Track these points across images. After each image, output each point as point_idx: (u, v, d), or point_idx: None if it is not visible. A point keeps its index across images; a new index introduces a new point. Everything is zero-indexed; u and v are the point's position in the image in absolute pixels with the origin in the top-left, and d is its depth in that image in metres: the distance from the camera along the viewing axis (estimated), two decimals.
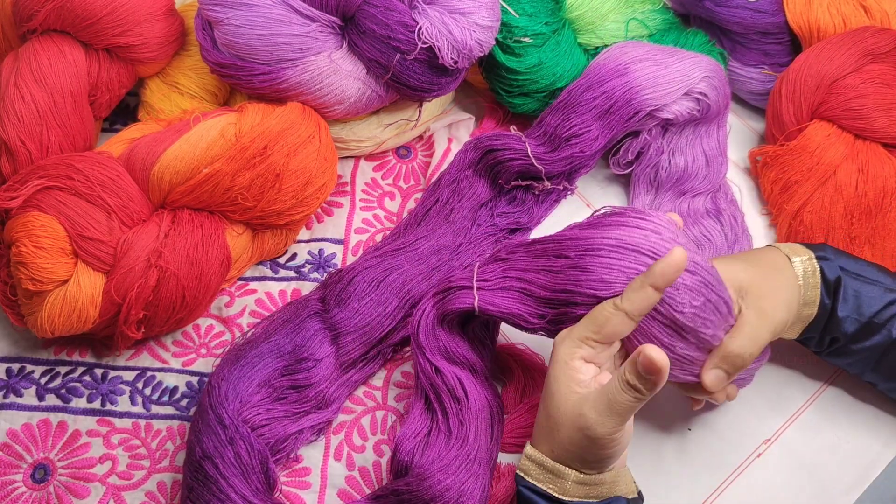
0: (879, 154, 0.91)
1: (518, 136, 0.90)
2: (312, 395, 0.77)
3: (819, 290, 0.74)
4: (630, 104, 0.88)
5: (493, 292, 0.70)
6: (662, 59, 0.90)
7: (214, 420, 0.70)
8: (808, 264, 0.74)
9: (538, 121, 0.91)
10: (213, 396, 0.72)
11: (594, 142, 0.89)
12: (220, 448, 0.69)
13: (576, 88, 0.90)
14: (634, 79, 0.88)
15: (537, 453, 0.66)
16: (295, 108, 0.86)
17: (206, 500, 0.68)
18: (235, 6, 0.82)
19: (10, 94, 0.84)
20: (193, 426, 0.73)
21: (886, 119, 0.90)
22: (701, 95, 0.90)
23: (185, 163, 0.80)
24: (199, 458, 0.69)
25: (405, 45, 0.84)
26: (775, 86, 0.97)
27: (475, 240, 0.89)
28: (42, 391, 0.81)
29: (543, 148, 0.89)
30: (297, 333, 0.78)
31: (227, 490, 0.68)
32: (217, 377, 0.74)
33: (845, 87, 0.92)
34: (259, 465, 0.70)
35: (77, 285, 0.76)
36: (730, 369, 0.69)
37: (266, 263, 0.90)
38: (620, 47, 0.92)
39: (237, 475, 0.69)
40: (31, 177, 0.78)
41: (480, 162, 0.90)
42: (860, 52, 0.93)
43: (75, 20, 0.86)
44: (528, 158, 0.88)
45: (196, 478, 0.70)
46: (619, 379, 0.61)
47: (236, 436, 0.70)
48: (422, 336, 0.73)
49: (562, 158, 0.89)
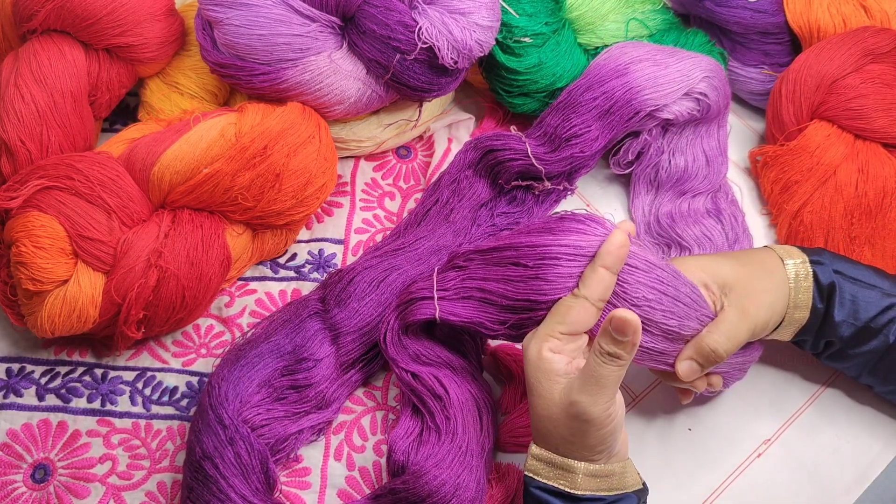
0: (879, 154, 0.91)
1: (518, 136, 0.90)
2: (312, 396, 0.77)
3: (811, 293, 0.74)
4: (630, 104, 0.88)
5: (453, 302, 0.71)
6: (662, 59, 0.90)
7: (214, 420, 0.71)
8: (802, 267, 0.74)
9: (538, 121, 0.91)
10: (213, 396, 0.72)
11: (594, 142, 0.89)
12: (220, 448, 0.70)
13: (576, 89, 0.90)
14: (634, 79, 0.88)
15: (544, 451, 0.66)
16: (295, 108, 0.86)
17: (205, 500, 0.69)
18: (235, 6, 0.82)
19: (10, 94, 0.84)
20: (193, 426, 0.73)
21: (886, 119, 0.90)
22: (701, 95, 0.90)
23: (185, 163, 0.80)
24: (199, 458, 0.70)
25: (405, 45, 0.84)
26: (775, 86, 0.97)
27: (475, 240, 0.89)
28: (42, 391, 0.81)
29: (543, 148, 0.89)
30: (298, 333, 0.78)
31: (227, 490, 0.68)
32: (217, 377, 0.74)
33: (845, 87, 0.92)
34: (259, 465, 0.70)
35: (77, 285, 0.76)
36: (703, 362, 0.71)
37: (266, 263, 0.90)
38: (620, 47, 0.92)
39: (237, 475, 0.69)
40: (31, 177, 0.78)
41: (480, 162, 0.90)
42: (860, 52, 0.93)
43: (75, 20, 0.86)
44: (528, 159, 0.88)
45: (196, 478, 0.70)
46: (597, 353, 0.62)
47: (236, 436, 0.70)
48: (390, 349, 0.74)
49: (562, 158, 0.89)
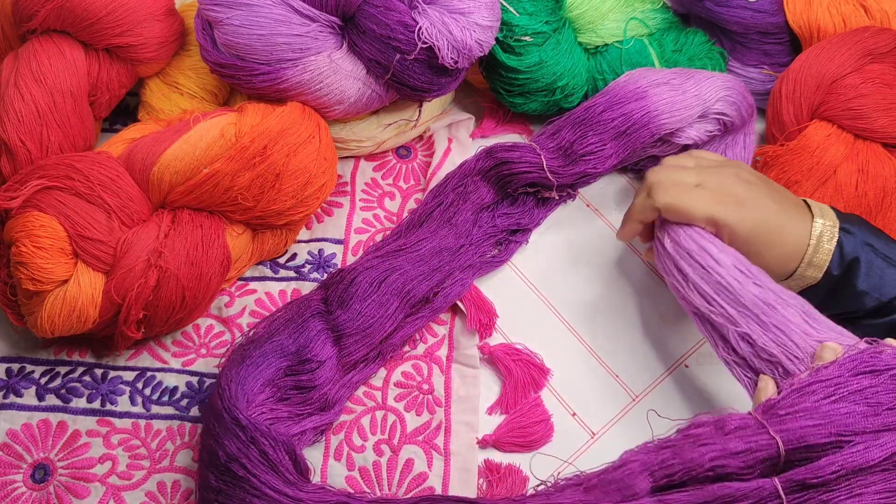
0: (879, 154, 0.91)
1: (532, 146, 0.90)
2: (317, 398, 0.77)
3: (830, 257, 0.74)
4: (647, 127, 0.89)
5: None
6: (679, 83, 0.91)
7: (232, 423, 0.71)
8: (829, 230, 0.74)
9: (553, 131, 0.91)
10: (226, 399, 0.72)
11: (608, 159, 0.90)
12: (243, 449, 0.70)
13: (594, 106, 0.91)
14: (652, 103, 0.89)
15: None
16: (295, 108, 0.86)
17: (240, 499, 0.69)
18: (235, 6, 0.82)
19: (10, 94, 0.84)
20: (209, 430, 0.72)
21: (886, 119, 0.90)
22: (719, 115, 0.91)
23: (185, 163, 0.80)
24: (226, 462, 0.70)
25: (405, 45, 0.84)
26: (775, 86, 0.97)
27: (476, 241, 0.89)
28: (42, 391, 0.81)
29: (558, 161, 0.90)
30: (301, 334, 0.78)
31: (260, 486, 0.69)
32: (226, 379, 0.74)
33: (845, 87, 0.92)
34: (287, 455, 0.71)
35: (77, 285, 0.76)
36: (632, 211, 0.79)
37: (266, 263, 0.90)
38: (642, 71, 0.93)
39: (267, 471, 0.69)
40: (31, 177, 0.78)
41: (492, 170, 0.90)
42: (860, 52, 0.93)
43: (75, 20, 0.86)
44: (542, 171, 0.89)
45: (224, 480, 0.70)
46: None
47: (257, 434, 0.70)
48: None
49: (575, 173, 0.90)
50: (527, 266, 0.92)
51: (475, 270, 0.88)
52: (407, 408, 0.82)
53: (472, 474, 0.78)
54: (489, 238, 0.90)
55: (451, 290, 0.85)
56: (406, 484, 0.78)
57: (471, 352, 0.84)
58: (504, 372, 0.84)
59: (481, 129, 1.00)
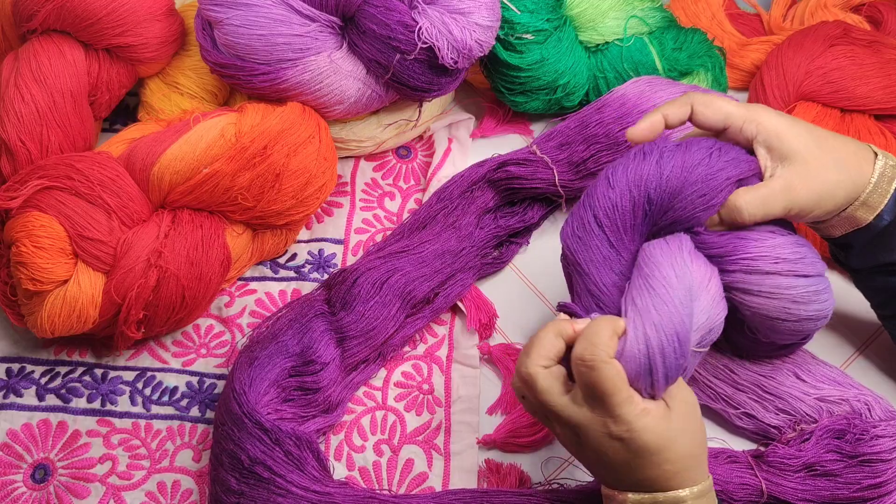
0: (871, 127, 0.93)
1: (544, 160, 0.90)
2: (321, 400, 0.77)
3: (886, 199, 0.70)
4: None
5: None
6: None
7: (253, 427, 0.71)
8: (891, 170, 0.71)
9: (563, 140, 0.91)
10: (244, 405, 0.72)
11: None
12: (268, 451, 0.70)
13: (611, 126, 0.90)
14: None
15: (643, 496, 0.60)
16: (295, 108, 0.86)
17: (264, 499, 0.69)
18: (235, 6, 0.82)
19: (10, 94, 0.84)
20: (228, 435, 0.72)
21: (866, 87, 0.93)
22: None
23: (185, 163, 0.80)
24: (250, 465, 0.70)
25: (405, 45, 0.84)
26: (755, 78, 0.99)
27: (478, 243, 0.88)
28: (42, 391, 0.82)
29: (569, 175, 0.90)
30: (305, 334, 0.78)
31: (287, 486, 0.69)
32: (240, 383, 0.74)
33: (819, 66, 0.95)
34: (311, 453, 0.72)
35: (77, 285, 0.76)
36: (724, 215, 0.69)
37: (266, 263, 0.90)
38: (655, 86, 0.92)
39: (292, 470, 0.70)
40: (31, 177, 0.78)
41: (502, 181, 0.90)
42: (821, 38, 0.97)
43: (75, 20, 0.86)
44: (554, 186, 0.89)
45: (248, 483, 0.70)
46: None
47: (280, 435, 0.71)
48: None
49: (584, 186, 0.90)
50: (527, 267, 0.92)
51: (476, 272, 0.88)
52: (407, 408, 0.82)
53: (473, 474, 0.78)
54: (491, 240, 0.90)
55: (451, 291, 0.85)
56: (406, 484, 0.78)
57: (471, 352, 0.84)
58: (504, 372, 0.84)
59: (481, 129, 1.00)
